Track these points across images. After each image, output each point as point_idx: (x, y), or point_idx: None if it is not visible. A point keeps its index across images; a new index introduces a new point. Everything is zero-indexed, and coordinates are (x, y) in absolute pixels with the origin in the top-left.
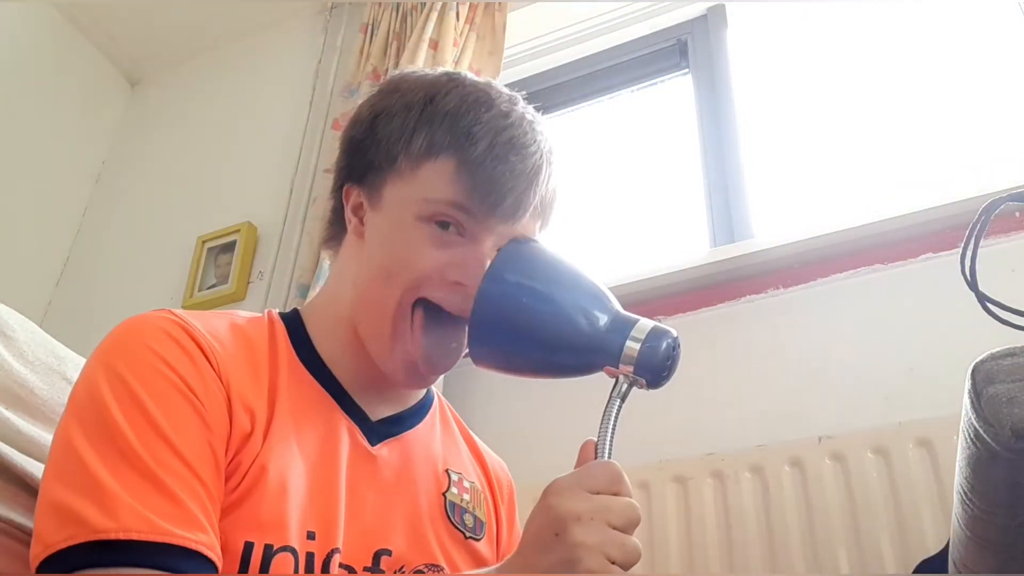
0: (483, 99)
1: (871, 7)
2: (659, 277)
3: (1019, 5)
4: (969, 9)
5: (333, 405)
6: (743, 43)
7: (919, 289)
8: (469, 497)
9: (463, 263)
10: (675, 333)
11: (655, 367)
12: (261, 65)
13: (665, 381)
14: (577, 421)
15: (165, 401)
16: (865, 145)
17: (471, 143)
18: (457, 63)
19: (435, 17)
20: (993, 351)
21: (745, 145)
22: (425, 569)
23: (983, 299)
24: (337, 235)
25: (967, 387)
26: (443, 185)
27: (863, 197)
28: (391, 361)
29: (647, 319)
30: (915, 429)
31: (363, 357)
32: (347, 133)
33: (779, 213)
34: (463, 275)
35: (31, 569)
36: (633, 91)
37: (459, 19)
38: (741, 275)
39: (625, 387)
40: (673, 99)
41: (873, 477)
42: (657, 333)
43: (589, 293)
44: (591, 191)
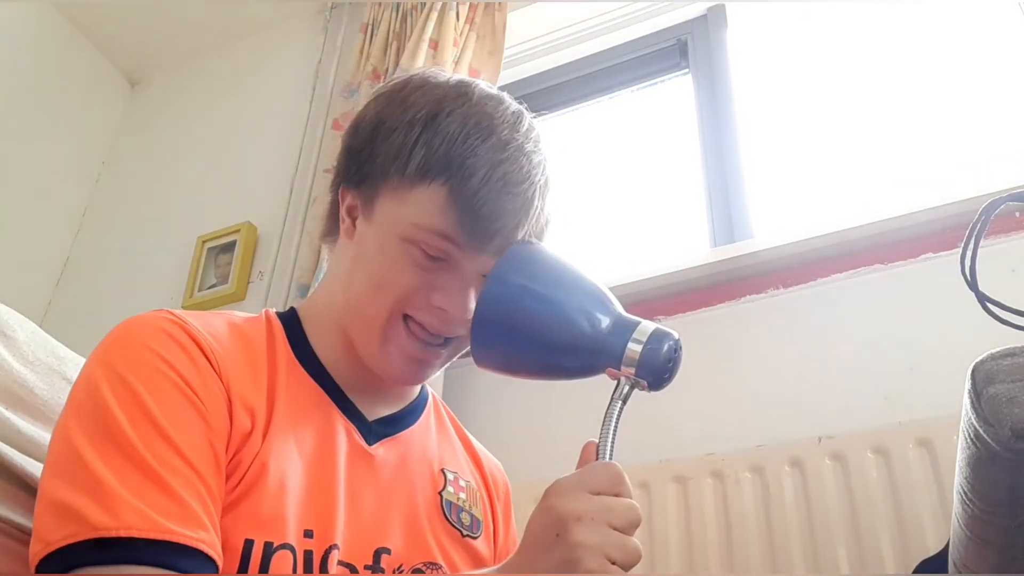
0: (484, 124)
1: (871, 7)
2: (659, 277)
3: (1019, 5)
4: (969, 9)
5: (330, 404)
6: (743, 43)
7: (919, 289)
8: (465, 496)
9: (446, 288)
10: (676, 335)
11: (657, 369)
12: (261, 65)
13: (667, 383)
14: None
15: (165, 400)
16: (865, 145)
17: (465, 176)
18: (457, 63)
19: (435, 17)
20: (993, 351)
21: (745, 145)
22: (424, 567)
23: (983, 299)
24: (334, 230)
25: (967, 387)
26: (433, 213)
27: (863, 197)
28: (382, 361)
29: (649, 321)
30: (915, 429)
31: (358, 358)
32: (348, 138)
33: (779, 213)
34: (445, 301)
35: (31, 568)
36: (633, 91)
37: (459, 19)
38: (741, 275)
39: (627, 389)
40: (673, 99)
41: (873, 477)
42: (659, 335)
43: (591, 295)
44: (591, 191)
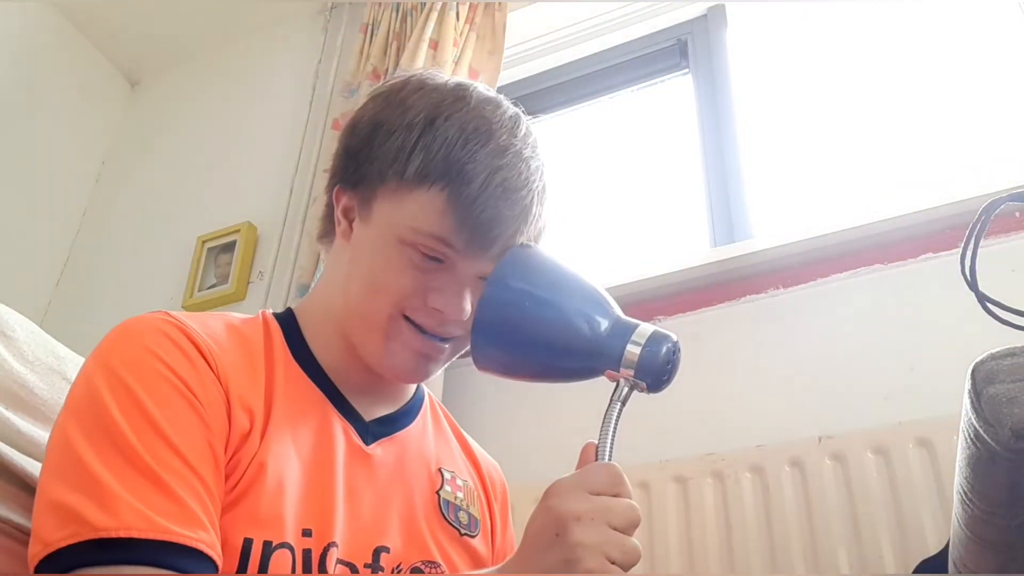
0: (483, 129)
1: (871, 7)
2: (659, 277)
3: (1019, 5)
4: (969, 9)
5: (328, 405)
6: (743, 43)
7: (919, 289)
8: (463, 495)
9: (443, 290)
10: (675, 337)
11: (656, 371)
12: (261, 65)
13: (666, 385)
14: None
15: (164, 400)
16: (865, 145)
17: (464, 181)
18: (457, 63)
19: (435, 17)
20: (993, 351)
21: (745, 145)
22: (423, 566)
23: (983, 299)
24: (330, 231)
25: (967, 387)
26: (431, 218)
27: (863, 197)
28: (387, 359)
29: (647, 323)
30: (915, 429)
31: (356, 360)
32: (346, 138)
33: (779, 213)
34: (443, 303)
35: (30, 569)
36: (633, 91)
37: (459, 19)
38: (741, 275)
39: (626, 391)
40: (673, 99)
41: (873, 477)
42: (657, 337)
43: (590, 298)
44: (592, 191)
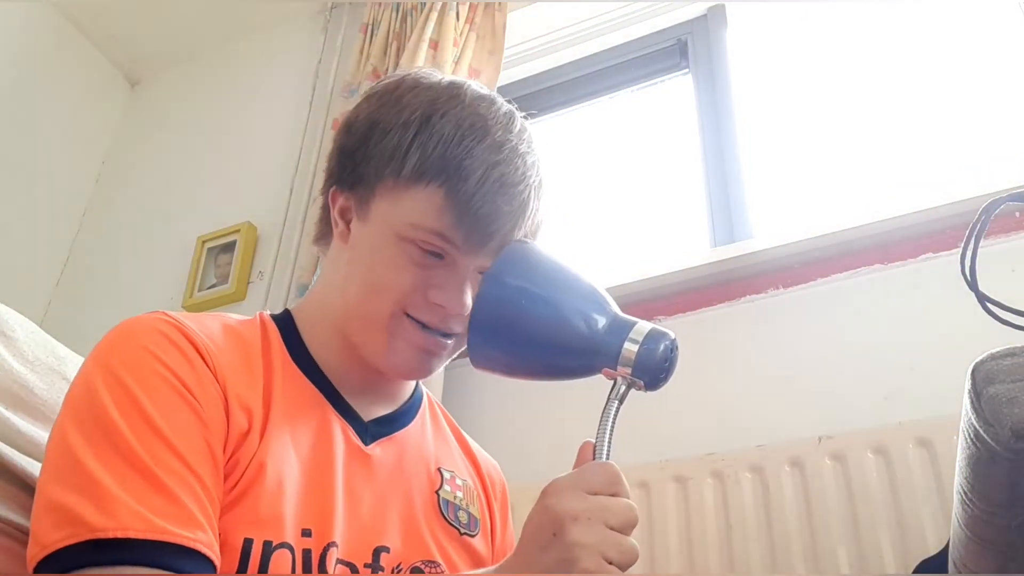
0: (479, 126)
1: (871, 7)
2: (659, 277)
3: (1019, 5)
4: (969, 9)
5: (326, 405)
6: (743, 43)
7: (919, 289)
8: (462, 494)
9: (444, 285)
10: (673, 335)
11: (653, 369)
12: (261, 65)
13: (663, 383)
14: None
15: (162, 400)
16: (865, 145)
17: (461, 177)
18: (457, 63)
19: (435, 17)
20: (993, 351)
21: (745, 145)
22: (422, 566)
23: (983, 299)
24: (326, 234)
25: (967, 387)
26: (429, 214)
27: (863, 197)
28: (391, 357)
29: (645, 321)
30: (915, 429)
31: (354, 360)
32: (341, 138)
33: (779, 213)
34: (443, 298)
35: (28, 570)
36: (633, 91)
37: (459, 19)
38: (741, 275)
39: (623, 389)
40: (673, 99)
41: (873, 477)
42: (655, 335)
43: (587, 296)
44: (591, 191)
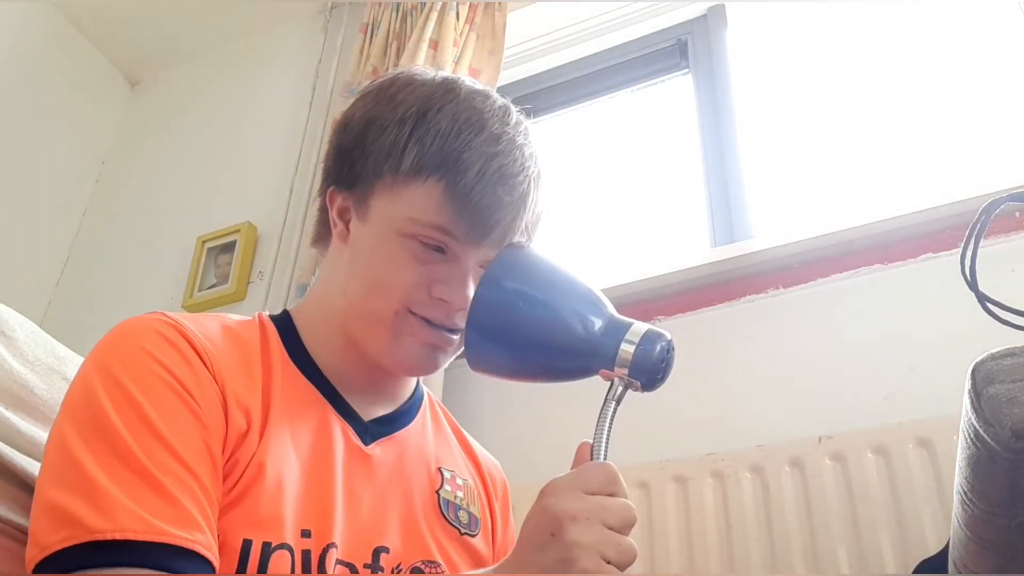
0: (475, 119)
1: (871, 7)
2: (659, 277)
3: (1019, 5)
4: (969, 9)
5: (326, 405)
6: (743, 43)
7: (919, 289)
8: (463, 494)
9: (447, 280)
10: (669, 336)
11: (649, 369)
12: (261, 65)
13: (660, 384)
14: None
15: (160, 401)
16: (865, 145)
17: (460, 170)
18: (457, 63)
19: (435, 17)
20: (993, 351)
21: (745, 145)
22: (422, 566)
23: (983, 299)
24: (325, 236)
25: (967, 387)
26: (430, 209)
27: (863, 197)
28: (398, 355)
29: (641, 322)
30: (915, 429)
31: (355, 360)
32: (337, 137)
33: (779, 213)
34: (447, 292)
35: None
36: (633, 91)
37: (459, 19)
38: (741, 275)
39: (620, 390)
40: (673, 99)
41: (873, 477)
42: (651, 336)
43: (583, 298)
44: (591, 191)
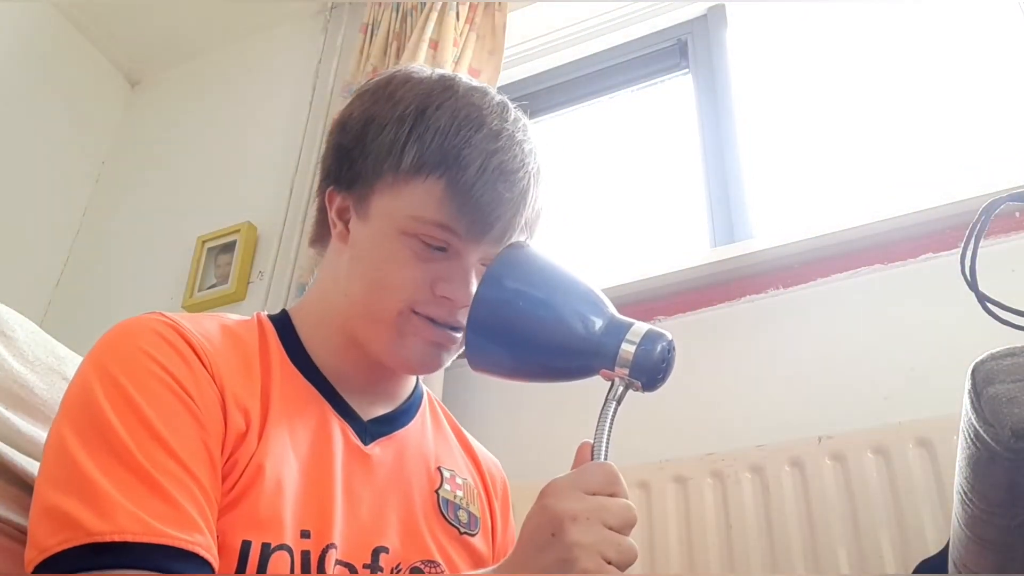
0: (474, 116)
1: (871, 7)
2: (659, 277)
3: (1019, 5)
4: (969, 9)
5: (325, 405)
6: (743, 43)
7: (919, 289)
8: (462, 493)
9: (449, 277)
10: (670, 336)
11: (650, 369)
12: (261, 65)
13: (660, 384)
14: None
15: (159, 402)
16: (865, 145)
17: (460, 167)
18: (457, 63)
19: (435, 17)
20: (993, 351)
21: (745, 145)
22: (422, 566)
23: (983, 299)
24: (324, 236)
25: (967, 387)
26: (431, 206)
27: (863, 197)
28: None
29: (642, 322)
30: (915, 429)
31: (354, 359)
32: (336, 137)
33: (779, 213)
34: (449, 290)
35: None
36: (633, 91)
37: (459, 19)
38: (741, 275)
39: (621, 390)
40: (673, 99)
41: (873, 477)
42: (652, 336)
43: (584, 297)
44: (591, 191)
